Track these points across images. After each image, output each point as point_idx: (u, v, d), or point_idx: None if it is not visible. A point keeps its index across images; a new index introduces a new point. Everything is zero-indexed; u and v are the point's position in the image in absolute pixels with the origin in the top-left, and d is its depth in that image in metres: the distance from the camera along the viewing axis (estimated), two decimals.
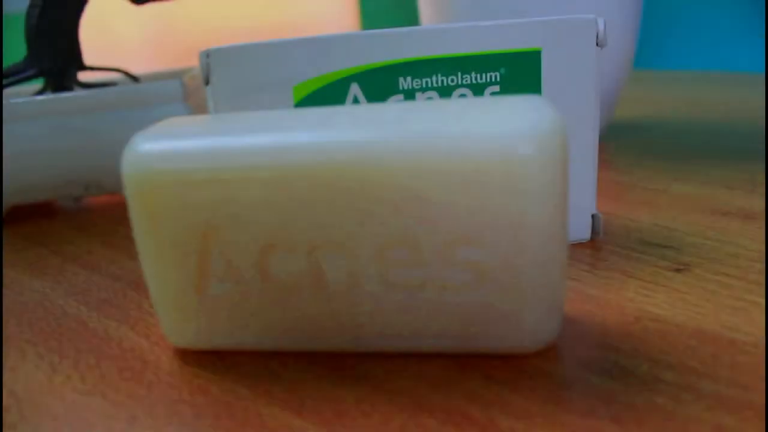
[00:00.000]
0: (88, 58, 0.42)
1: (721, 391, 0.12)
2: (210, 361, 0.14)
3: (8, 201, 0.27)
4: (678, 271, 0.17)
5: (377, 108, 0.13)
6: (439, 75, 0.17)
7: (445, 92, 0.17)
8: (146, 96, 0.25)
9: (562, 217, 0.12)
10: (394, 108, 0.13)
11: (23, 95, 0.30)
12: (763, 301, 0.15)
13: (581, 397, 0.12)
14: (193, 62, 0.37)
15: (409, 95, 0.17)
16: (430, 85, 0.17)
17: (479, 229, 0.12)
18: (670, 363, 0.13)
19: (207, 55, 0.16)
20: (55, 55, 0.28)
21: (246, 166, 0.12)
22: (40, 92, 0.28)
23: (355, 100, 0.17)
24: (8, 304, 0.19)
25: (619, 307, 0.15)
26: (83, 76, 0.40)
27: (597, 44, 0.17)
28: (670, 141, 0.32)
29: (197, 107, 0.28)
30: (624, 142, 0.33)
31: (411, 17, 0.72)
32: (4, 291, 0.20)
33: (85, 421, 0.13)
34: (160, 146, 0.13)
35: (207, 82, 0.17)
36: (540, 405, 0.12)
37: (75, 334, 0.17)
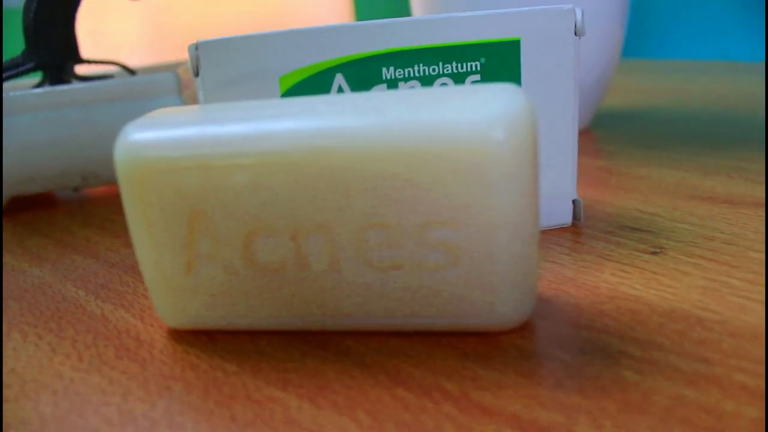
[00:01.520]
0: (85, 53, 0.42)
1: (683, 364, 0.12)
2: (201, 341, 0.15)
3: (8, 192, 0.28)
4: (654, 253, 0.18)
5: (356, 97, 0.14)
6: (421, 65, 0.17)
7: (427, 81, 0.17)
8: (142, 88, 0.26)
9: (532, 198, 0.13)
10: (372, 97, 0.14)
11: (22, 89, 0.31)
12: (734, 281, 0.16)
13: (551, 372, 0.13)
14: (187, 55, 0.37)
15: (392, 85, 0.17)
16: (412, 74, 0.17)
17: (452, 210, 0.12)
18: (638, 339, 0.13)
19: (196, 48, 0.17)
20: (52, 48, 0.29)
21: (231, 153, 0.13)
22: (39, 85, 0.29)
23: (340, 90, 0.17)
24: (9, 289, 0.20)
25: (594, 288, 0.16)
26: (80, 69, 0.41)
27: (575, 33, 0.18)
28: (658, 129, 0.33)
29: (191, 99, 0.29)
30: (612, 131, 0.33)
31: (403, 8, 0.72)
32: (7, 276, 0.21)
33: (82, 395, 0.14)
34: (150, 135, 0.14)
35: (197, 74, 0.17)
36: (511, 379, 0.12)
37: (73, 316, 0.17)
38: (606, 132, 0.33)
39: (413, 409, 0.12)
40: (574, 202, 0.20)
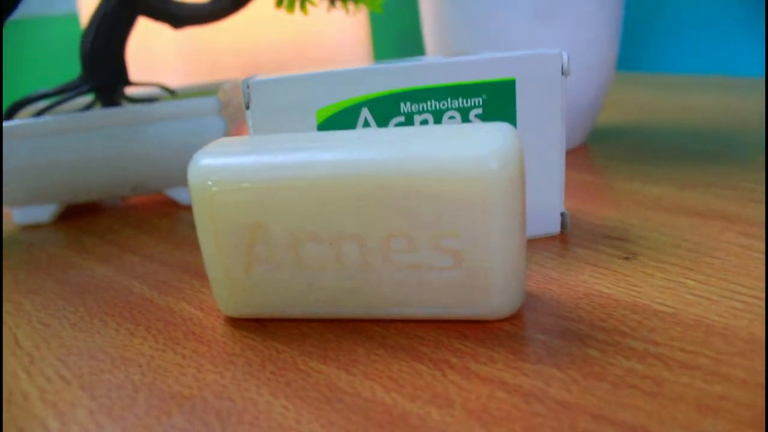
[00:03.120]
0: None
1: (637, 345, 0.16)
2: (255, 327, 0.19)
3: (66, 200, 0.31)
4: (626, 259, 0.21)
5: (381, 132, 0.17)
6: (433, 100, 0.21)
7: (437, 114, 0.21)
8: (188, 110, 0.30)
9: (520, 214, 0.16)
10: (394, 132, 0.17)
11: (74, 108, 0.35)
12: (689, 282, 0.19)
13: (534, 350, 0.16)
14: (220, 75, 0.41)
15: (409, 117, 0.21)
16: (425, 108, 0.21)
17: (458, 223, 0.16)
18: (604, 327, 0.17)
19: (248, 86, 0.20)
20: (106, 72, 0.32)
21: (282, 177, 0.17)
22: (90, 105, 0.33)
23: (366, 122, 0.21)
24: (82, 285, 0.23)
25: (573, 287, 0.19)
26: (127, 90, 0.45)
27: (562, 73, 0.21)
28: (647, 145, 0.36)
29: (229, 117, 0.32)
30: (606, 146, 0.36)
31: (415, 36, 0.75)
32: (78, 274, 0.24)
33: (162, 368, 0.17)
34: (216, 161, 0.17)
35: (247, 107, 0.21)
36: (502, 355, 0.16)
37: (143, 308, 0.21)
38: (600, 147, 0.36)
39: (426, 377, 0.15)
40: (561, 214, 0.23)
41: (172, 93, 0.36)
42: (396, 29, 0.78)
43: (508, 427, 0.13)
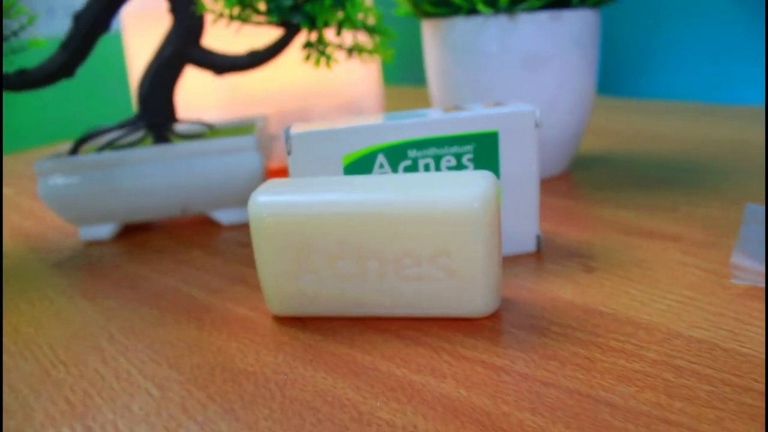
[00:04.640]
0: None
1: (581, 336, 0.22)
2: (297, 323, 0.24)
3: (127, 220, 0.37)
4: (587, 272, 0.27)
5: (394, 178, 0.23)
6: (434, 148, 0.27)
7: (437, 159, 0.27)
8: (229, 147, 0.36)
9: (496, 239, 0.22)
10: (403, 178, 0.23)
11: (134, 143, 0.41)
12: (630, 290, 0.25)
13: (506, 339, 0.22)
14: (252, 110, 0.47)
15: (414, 161, 0.27)
16: (428, 154, 0.27)
17: (450, 247, 0.22)
18: (560, 323, 0.23)
19: (289, 137, 0.26)
20: (158, 112, 0.38)
21: (319, 212, 0.22)
22: (142, 138, 0.39)
23: (381, 165, 0.27)
24: (153, 291, 0.29)
25: (541, 294, 0.25)
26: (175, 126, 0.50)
27: (536, 125, 0.27)
28: (621, 172, 0.41)
29: (261, 150, 0.38)
30: (584, 174, 0.42)
31: (420, 75, 0.81)
32: (146, 282, 0.30)
33: (231, 354, 0.23)
34: (270, 199, 0.23)
35: (289, 153, 0.27)
36: (482, 343, 0.22)
37: (206, 309, 0.27)
38: (580, 175, 0.42)
39: (426, 358, 0.21)
40: (537, 236, 0.29)
41: (211, 128, 0.42)
42: (400, 50, 0.84)
43: (483, 390, 0.19)
